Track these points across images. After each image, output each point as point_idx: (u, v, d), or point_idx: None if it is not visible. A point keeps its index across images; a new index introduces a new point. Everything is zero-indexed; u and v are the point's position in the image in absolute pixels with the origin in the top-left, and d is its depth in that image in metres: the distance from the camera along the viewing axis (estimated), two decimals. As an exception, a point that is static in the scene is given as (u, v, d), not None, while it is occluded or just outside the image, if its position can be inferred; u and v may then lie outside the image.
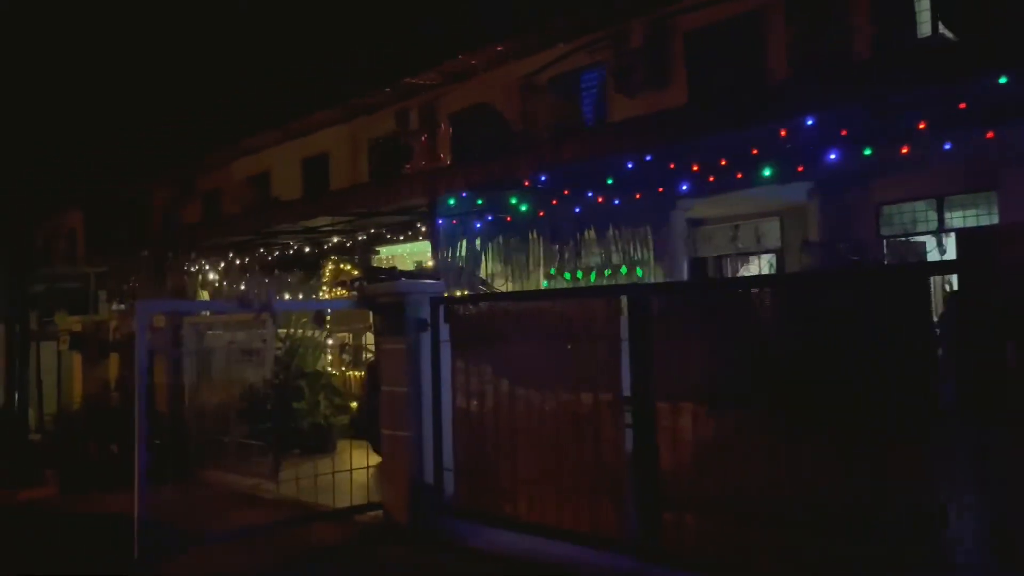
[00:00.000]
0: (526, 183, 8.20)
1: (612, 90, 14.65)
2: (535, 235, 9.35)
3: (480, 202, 8.92)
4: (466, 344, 6.66)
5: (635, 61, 14.17)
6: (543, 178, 8.03)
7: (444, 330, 6.83)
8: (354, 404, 11.55)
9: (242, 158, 23.69)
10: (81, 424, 10.23)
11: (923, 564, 4.18)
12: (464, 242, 9.18)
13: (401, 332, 6.90)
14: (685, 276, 10.57)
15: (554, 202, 9.78)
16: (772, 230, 13.35)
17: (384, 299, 7.09)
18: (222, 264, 12.27)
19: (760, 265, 13.72)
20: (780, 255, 13.15)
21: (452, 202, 8.69)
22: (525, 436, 6.15)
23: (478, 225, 9.14)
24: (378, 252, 13.69)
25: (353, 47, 20.63)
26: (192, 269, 12.66)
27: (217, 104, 23.60)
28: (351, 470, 7.60)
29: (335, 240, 13.69)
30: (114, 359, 11.54)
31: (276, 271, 11.12)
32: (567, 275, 12.39)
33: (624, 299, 5.58)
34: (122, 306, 16.89)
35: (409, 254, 15.53)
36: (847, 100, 7.17)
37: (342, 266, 11.83)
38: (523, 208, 8.93)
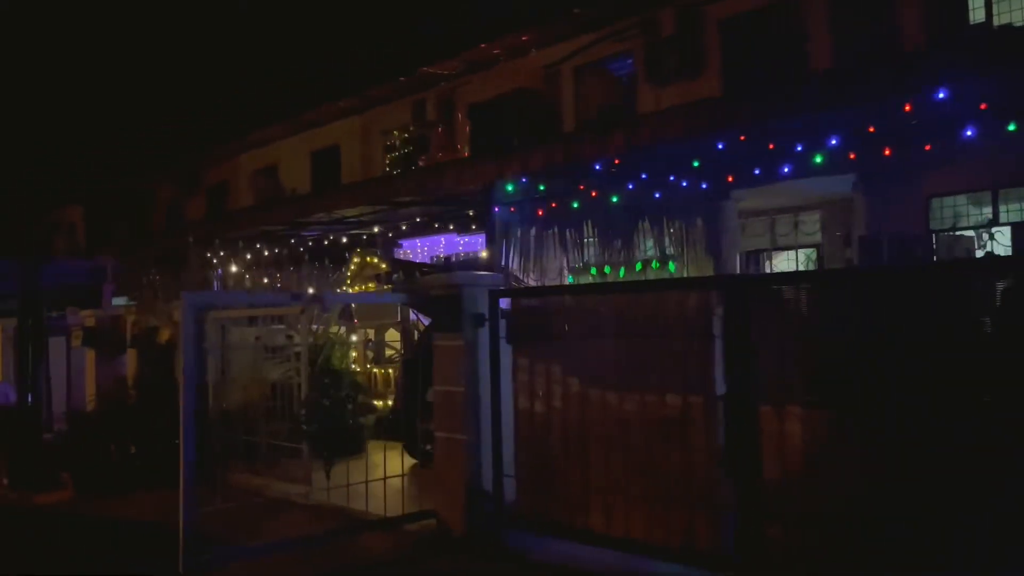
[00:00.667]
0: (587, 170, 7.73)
1: (641, 80, 14.18)
2: (590, 226, 8.88)
3: (542, 188, 8.43)
4: (529, 340, 6.17)
5: (666, 50, 13.70)
6: (614, 163, 7.55)
7: (500, 326, 6.35)
8: (379, 403, 11.06)
9: (250, 151, 23.18)
10: (98, 424, 9.72)
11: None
12: (519, 231, 8.70)
13: (457, 328, 6.42)
14: (739, 271, 10.14)
15: (593, 194, 9.32)
16: (811, 223, 12.89)
17: (438, 292, 6.61)
18: (249, 256, 11.78)
19: (797, 260, 13.27)
20: (821, 249, 12.69)
21: (511, 188, 8.20)
22: (599, 441, 5.67)
23: (540, 213, 8.65)
24: (400, 246, 13.21)
25: (368, 37, 20.14)
26: (214, 261, 12.17)
27: (226, 96, 23.12)
28: (386, 478, 7.09)
29: (353, 233, 13.21)
30: (132, 355, 11.03)
31: (301, 264, 10.61)
32: (593, 270, 11.93)
33: (716, 292, 5.11)
34: (132, 302, 16.40)
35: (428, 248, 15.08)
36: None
37: (368, 259, 11.34)
38: (595, 195, 8.46)
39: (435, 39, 17.59)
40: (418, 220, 11.14)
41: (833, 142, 9.27)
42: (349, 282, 12.01)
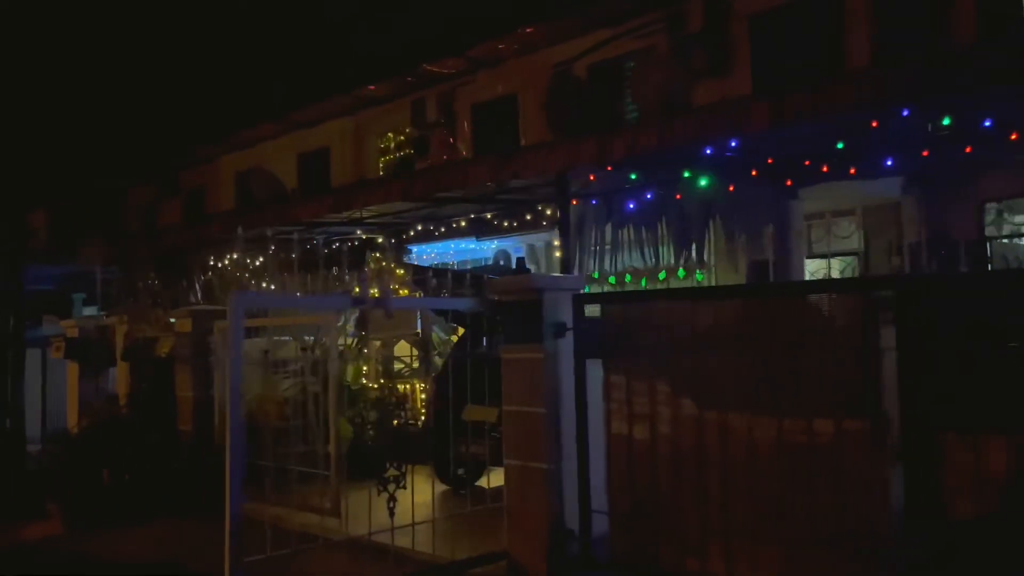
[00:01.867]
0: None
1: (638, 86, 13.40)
2: (663, 224, 8.05)
3: (634, 177, 7.58)
4: (625, 353, 5.31)
5: (693, 47, 12.96)
6: (731, 144, 6.73)
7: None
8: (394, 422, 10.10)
9: (232, 153, 22.06)
10: (87, 447, 8.65)
11: None
12: (596, 228, 7.80)
13: (535, 338, 5.54)
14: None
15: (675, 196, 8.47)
16: (849, 229, 12.19)
17: (511, 297, 5.72)
18: (260, 260, 10.76)
19: (830, 269, 12.56)
20: (863, 257, 11.99)
21: (592, 178, 7.35)
22: (719, 472, 4.82)
23: (630, 206, 7.76)
24: (411, 251, 12.28)
25: (362, 33, 19.20)
26: (219, 266, 11.13)
27: (207, 94, 21.99)
28: (433, 518, 6.17)
29: (360, 237, 12.25)
30: (122, 369, 9.96)
31: (316, 269, 9.66)
32: (612, 279, 11.11)
33: (876, 296, 4.29)
34: (103, 312, 15.25)
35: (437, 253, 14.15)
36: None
37: (385, 264, 10.42)
38: (701, 183, 7.58)
39: (436, 35, 16.70)
40: (463, 223, 10.25)
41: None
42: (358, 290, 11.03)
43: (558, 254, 8.29)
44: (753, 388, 4.72)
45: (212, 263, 11.08)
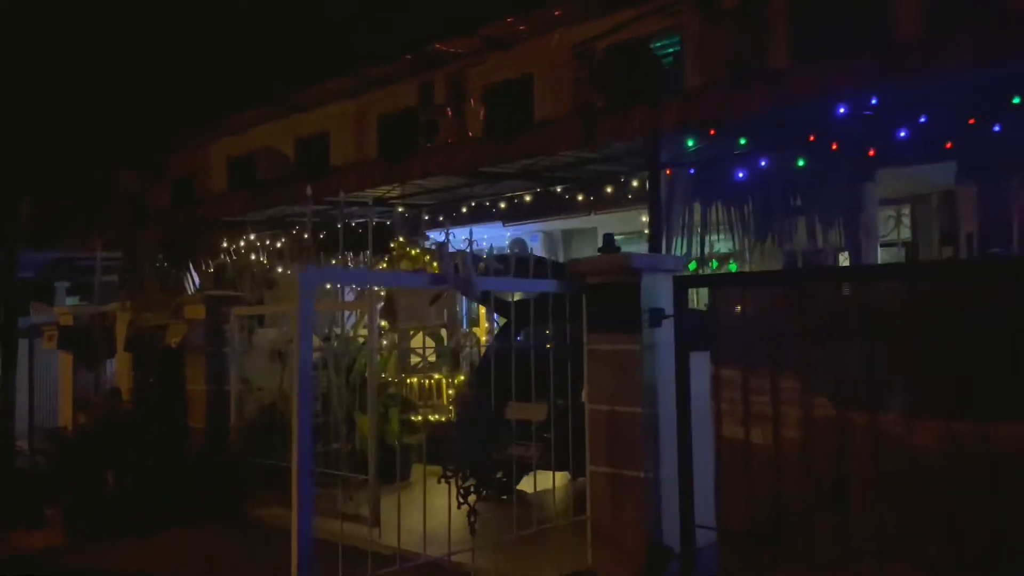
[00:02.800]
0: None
1: (692, 58, 12.70)
2: (749, 205, 7.29)
3: (744, 142, 6.81)
4: (738, 345, 4.59)
5: (726, 23, 12.25)
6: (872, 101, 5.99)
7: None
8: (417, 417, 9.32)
9: (225, 138, 21.12)
10: (89, 446, 7.80)
11: None
12: (686, 204, 7.02)
13: (630, 327, 4.81)
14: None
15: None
16: (892, 219, 11.55)
17: (601, 279, 4.98)
18: (277, 244, 9.93)
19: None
20: (911, 248, 11.33)
21: (691, 144, 6.58)
22: (867, 484, 4.11)
23: (741, 175, 6.97)
24: (428, 237, 11.50)
25: (366, 10, 18.34)
26: (231, 249, 10.22)
27: (199, 75, 21.01)
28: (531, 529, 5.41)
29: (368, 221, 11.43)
30: (124, 360, 9.10)
31: (336, 252, 8.84)
32: (692, 264, 10.37)
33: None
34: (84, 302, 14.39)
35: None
36: None
37: (410, 250, 9.62)
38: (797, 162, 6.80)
39: (446, 13, 15.88)
40: (502, 205, 9.45)
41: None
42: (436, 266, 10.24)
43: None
44: (912, 386, 4.02)
45: (225, 246, 10.21)
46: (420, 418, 9.23)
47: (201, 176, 21.90)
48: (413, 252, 9.56)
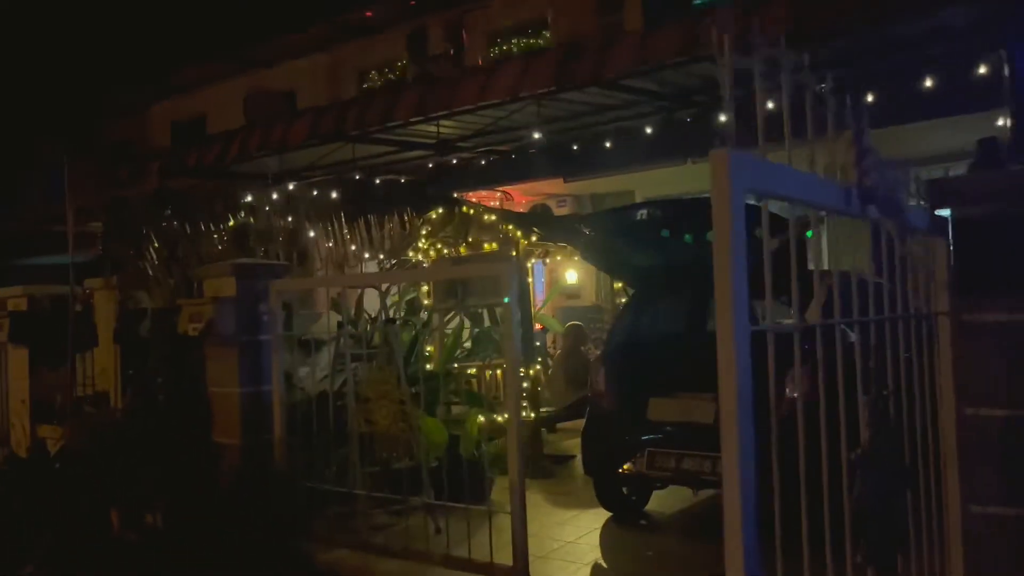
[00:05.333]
0: None
1: None
2: None
3: None
4: None
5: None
6: None
7: None
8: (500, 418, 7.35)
9: (169, 99, 18.53)
10: (76, 474, 5.62)
11: None
12: None
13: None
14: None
15: None
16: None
17: (990, 210, 3.15)
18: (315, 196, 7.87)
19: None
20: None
21: None
22: None
23: None
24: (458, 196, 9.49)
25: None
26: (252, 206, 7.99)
27: (136, 26, 18.29)
28: None
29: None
30: (108, 356, 6.85)
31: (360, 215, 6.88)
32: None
33: None
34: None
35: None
36: None
37: (484, 215, 7.59)
38: None
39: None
40: (649, 129, 7.33)
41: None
42: (424, 245, 8.18)
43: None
44: None
45: (246, 201, 7.98)
46: (502, 419, 7.33)
47: (139, 144, 19.24)
48: (488, 218, 7.57)
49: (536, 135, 8.20)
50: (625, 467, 5.81)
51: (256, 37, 16.24)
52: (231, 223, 6.87)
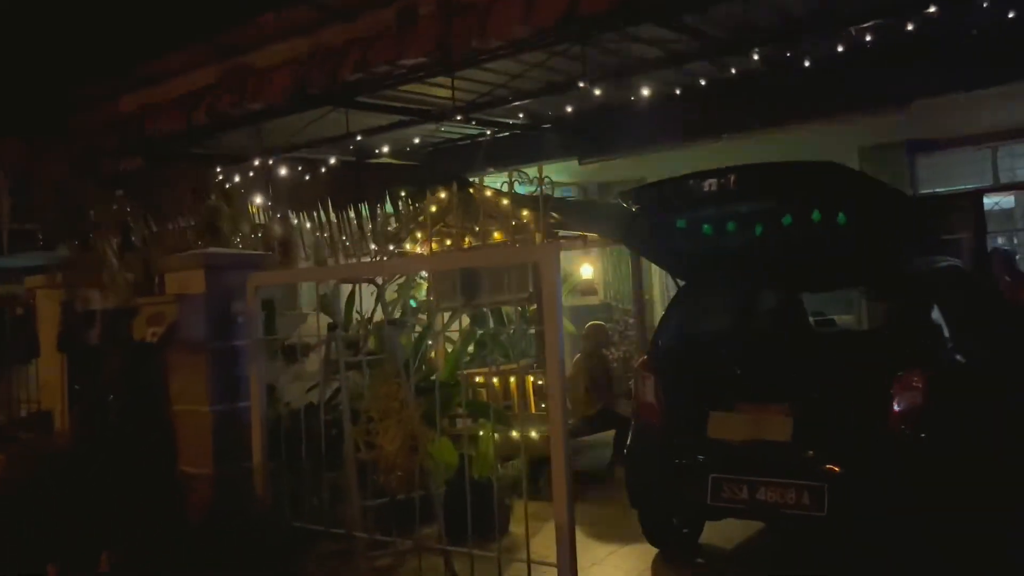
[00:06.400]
0: None
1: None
2: None
3: None
4: None
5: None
6: None
7: None
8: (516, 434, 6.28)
9: (136, 91, 17.27)
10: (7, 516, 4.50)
11: None
12: None
13: None
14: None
15: None
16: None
17: None
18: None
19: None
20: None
21: None
22: None
23: None
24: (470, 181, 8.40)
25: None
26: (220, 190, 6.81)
27: (102, 14, 17.05)
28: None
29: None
30: (53, 367, 5.72)
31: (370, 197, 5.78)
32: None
33: None
34: None
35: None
36: None
37: (484, 191, 6.53)
38: None
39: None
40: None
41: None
42: (419, 236, 7.10)
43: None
44: None
45: (219, 182, 6.80)
46: (519, 435, 6.29)
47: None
48: (502, 202, 6.49)
49: (573, 95, 6.98)
50: (683, 497, 4.79)
51: (230, 20, 15.05)
52: (202, 208, 5.75)
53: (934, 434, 4.20)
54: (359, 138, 7.86)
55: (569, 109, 7.69)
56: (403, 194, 6.76)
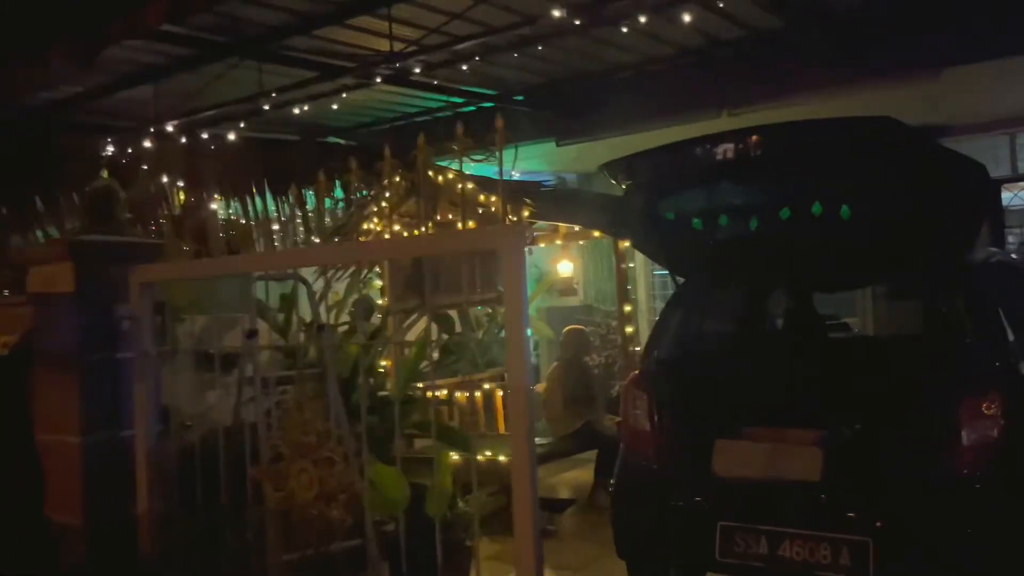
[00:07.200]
0: None
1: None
2: None
3: None
4: None
5: None
6: None
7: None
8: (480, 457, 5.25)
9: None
10: None
11: None
12: None
13: None
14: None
15: None
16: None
17: None
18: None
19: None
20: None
21: None
22: None
23: None
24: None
25: None
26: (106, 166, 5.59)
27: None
28: None
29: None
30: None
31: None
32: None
33: None
34: None
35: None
36: None
37: (437, 176, 5.53)
38: None
39: None
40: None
41: None
42: (377, 225, 6.08)
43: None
44: None
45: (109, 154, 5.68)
46: (483, 457, 5.29)
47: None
48: (462, 187, 5.46)
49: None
50: (683, 549, 3.80)
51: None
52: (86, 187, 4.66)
53: (1013, 478, 3.25)
54: (273, 96, 6.44)
55: (541, 80, 6.59)
56: (352, 177, 5.71)
